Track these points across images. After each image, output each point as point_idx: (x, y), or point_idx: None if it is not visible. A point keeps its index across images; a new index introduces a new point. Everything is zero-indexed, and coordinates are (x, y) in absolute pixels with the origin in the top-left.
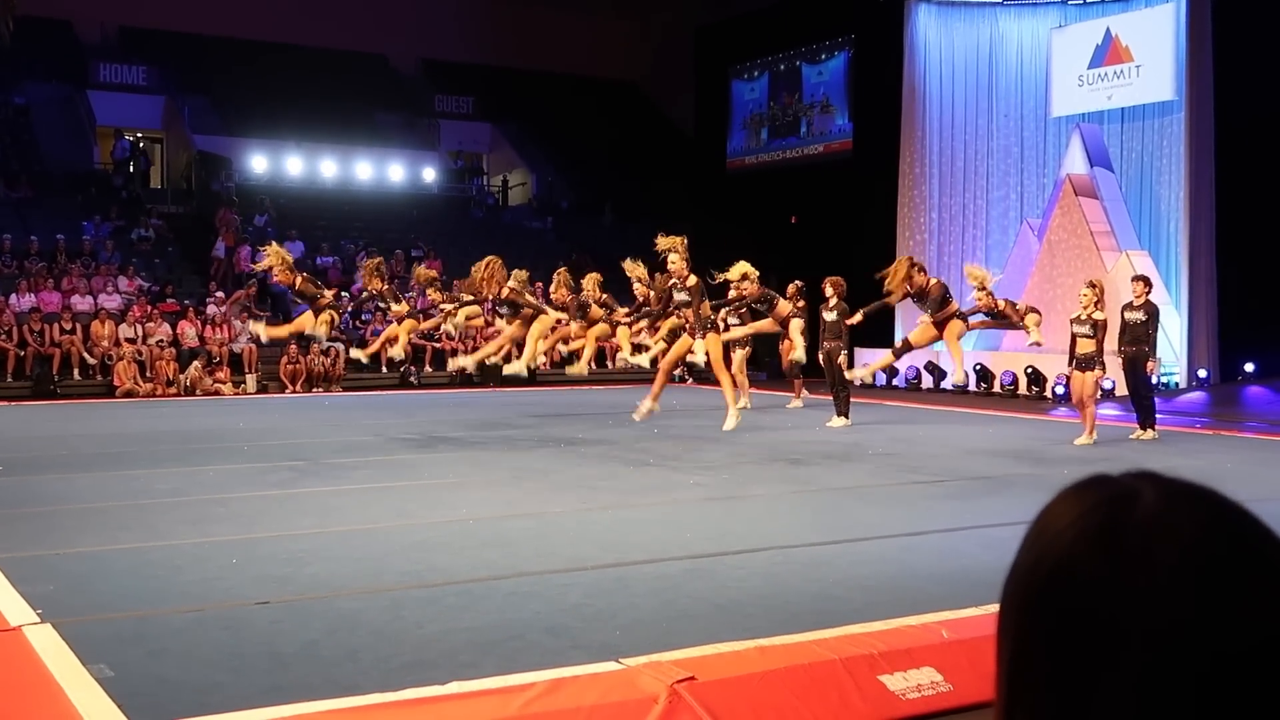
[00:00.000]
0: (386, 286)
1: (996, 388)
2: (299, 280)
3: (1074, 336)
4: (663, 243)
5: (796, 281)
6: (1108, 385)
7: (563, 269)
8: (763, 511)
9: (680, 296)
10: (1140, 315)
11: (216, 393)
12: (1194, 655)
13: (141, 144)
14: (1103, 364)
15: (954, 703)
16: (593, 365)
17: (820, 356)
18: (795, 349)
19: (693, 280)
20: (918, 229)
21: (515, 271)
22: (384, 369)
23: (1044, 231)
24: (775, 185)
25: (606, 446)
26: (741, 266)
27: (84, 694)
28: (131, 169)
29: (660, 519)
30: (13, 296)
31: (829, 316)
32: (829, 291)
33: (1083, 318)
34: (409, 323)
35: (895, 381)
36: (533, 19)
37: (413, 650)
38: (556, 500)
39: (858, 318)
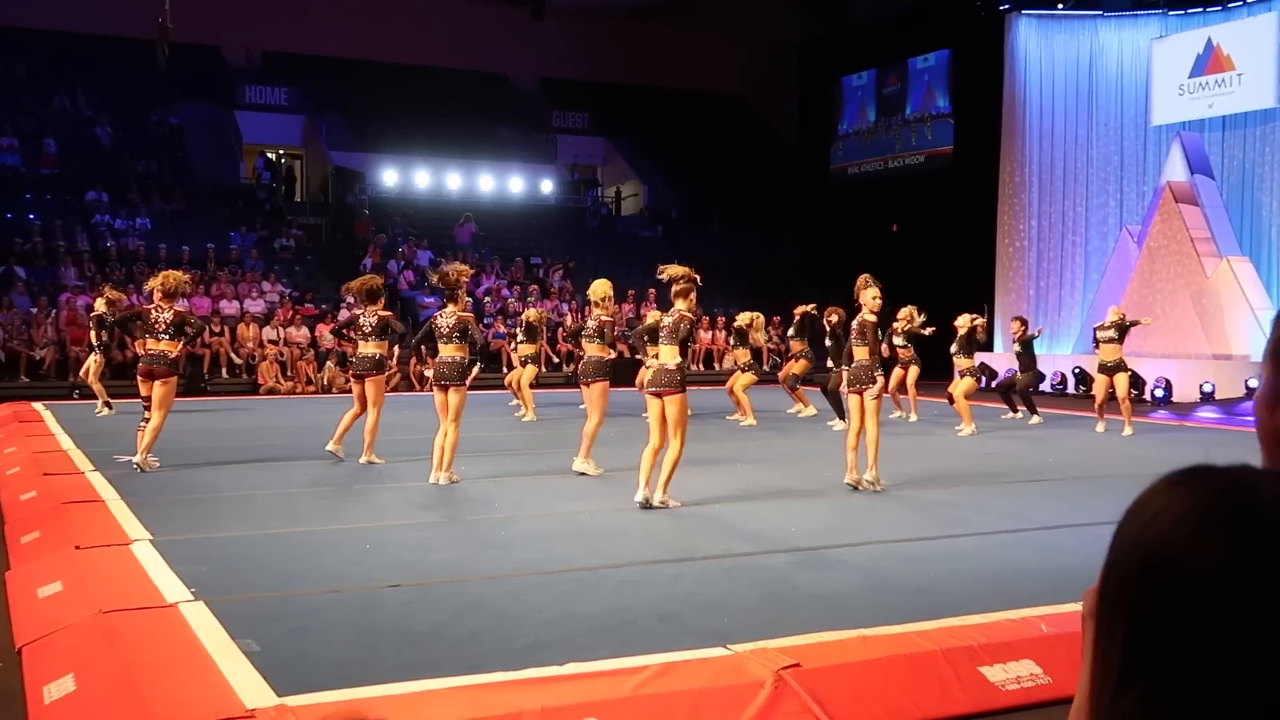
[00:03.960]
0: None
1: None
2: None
3: (1099, 342)
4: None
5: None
6: (1208, 388)
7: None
8: (865, 507)
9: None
10: (1017, 347)
11: (350, 391)
12: None
13: (283, 160)
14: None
15: (1053, 694)
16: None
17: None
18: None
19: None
20: (1017, 236)
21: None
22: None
23: (1144, 238)
24: (877, 194)
25: (715, 444)
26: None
27: (234, 666)
28: (273, 183)
29: (766, 513)
30: None
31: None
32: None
33: (1106, 324)
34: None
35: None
36: (644, 38)
37: (533, 633)
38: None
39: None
